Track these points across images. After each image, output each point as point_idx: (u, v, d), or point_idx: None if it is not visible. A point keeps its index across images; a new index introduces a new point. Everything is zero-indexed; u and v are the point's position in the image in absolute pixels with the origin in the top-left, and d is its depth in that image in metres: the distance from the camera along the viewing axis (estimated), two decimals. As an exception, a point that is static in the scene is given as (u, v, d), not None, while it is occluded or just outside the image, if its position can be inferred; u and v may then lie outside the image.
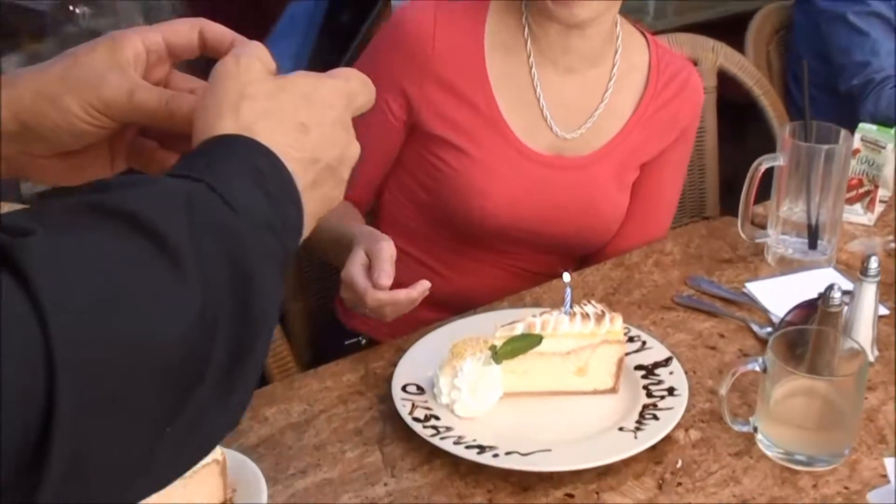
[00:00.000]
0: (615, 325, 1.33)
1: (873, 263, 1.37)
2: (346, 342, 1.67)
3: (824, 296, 1.33)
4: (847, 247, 1.70)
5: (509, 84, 1.60)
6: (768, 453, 1.25)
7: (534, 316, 1.34)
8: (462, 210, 1.61)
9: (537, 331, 1.32)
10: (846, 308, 1.36)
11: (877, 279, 1.38)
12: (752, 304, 1.56)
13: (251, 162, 0.64)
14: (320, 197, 0.71)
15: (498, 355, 1.30)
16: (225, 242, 0.59)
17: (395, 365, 1.39)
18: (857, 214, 1.73)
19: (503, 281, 1.64)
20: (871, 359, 1.39)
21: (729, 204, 2.33)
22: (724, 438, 1.29)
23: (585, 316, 1.33)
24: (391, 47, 1.60)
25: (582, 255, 1.74)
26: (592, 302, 1.37)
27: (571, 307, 1.34)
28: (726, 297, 1.58)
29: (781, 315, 1.49)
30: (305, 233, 0.70)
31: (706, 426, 1.31)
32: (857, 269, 1.61)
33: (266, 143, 0.67)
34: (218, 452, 1.14)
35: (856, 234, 1.74)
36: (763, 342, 1.47)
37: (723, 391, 1.26)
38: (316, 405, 1.36)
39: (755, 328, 1.50)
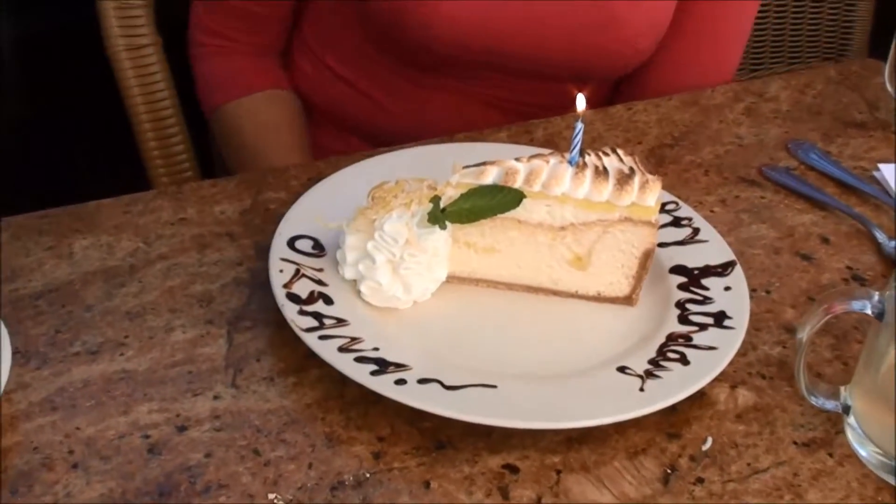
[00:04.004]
0: (648, 195, 0.89)
1: None
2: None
3: None
4: None
5: None
6: (861, 452, 0.83)
7: (518, 159, 0.90)
8: (399, 27, 1.18)
9: (519, 184, 0.89)
10: None
11: None
12: (883, 199, 1.10)
13: None
14: None
15: (446, 216, 0.87)
16: None
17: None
18: None
19: (484, 118, 1.20)
20: None
21: (881, 46, 1.85)
22: (791, 413, 0.87)
23: (601, 172, 0.89)
24: None
25: (614, 82, 1.28)
26: (620, 151, 0.92)
27: (582, 154, 0.90)
28: (845, 182, 1.12)
29: (926, 223, 1.05)
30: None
31: (767, 387, 0.89)
32: None
33: None
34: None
35: None
36: (889, 262, 1.02)
37: (803, 336, 0.82)
38: (156, 245, 0.96)
39: (879, 237, 1.05)
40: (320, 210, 0.95)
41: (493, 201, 0.89)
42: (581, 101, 0.89)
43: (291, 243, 0.92)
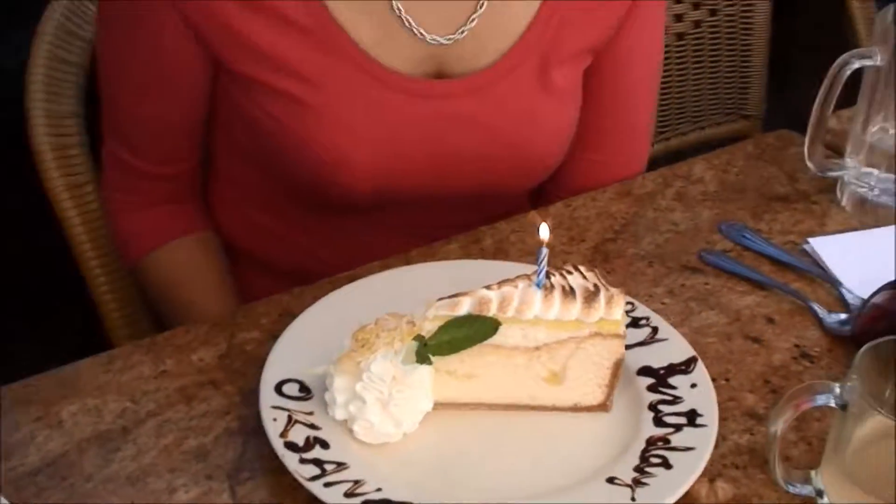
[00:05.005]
0: (614, 309, 0.97)
1: None
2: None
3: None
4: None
5: None
6: (837, 532, 0.91)
7: (489, 287, 0.97)
8: (314, 180, 1.22)
9: (492, 312, 0.96)
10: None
11: None
12: (816, 273, 1.20)
13: None
14: None
15: (428, 349, 0.94)
16: None
17: (274, 339, 1.03)
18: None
19: (415, 244, 1.24)
20: None
21: (778, 100, 1.97)
22: (768, 500, 0.96)
23: (569, 292, 0.97)
24: None
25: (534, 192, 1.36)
26: (582, 268, 1.00)
27: (548, 277, 0.97)
28: (779, 259, 1.22)
29: (862, 294, 1.14)
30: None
31: (742, 476, 0.97)
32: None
33: None
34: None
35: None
36: (833, 337, 1.11)
37: (776, 430, 0.91)
38: (143, 402, 1.01)
39: (820, 313, 1.14)
40: (300, 351, 1.01)
41: (471, 331, 0.95)
42: (545, 231, 0.96)
43: (279, 389, 0.98)
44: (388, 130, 1.20)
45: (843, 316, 1.14)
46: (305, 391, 0.98)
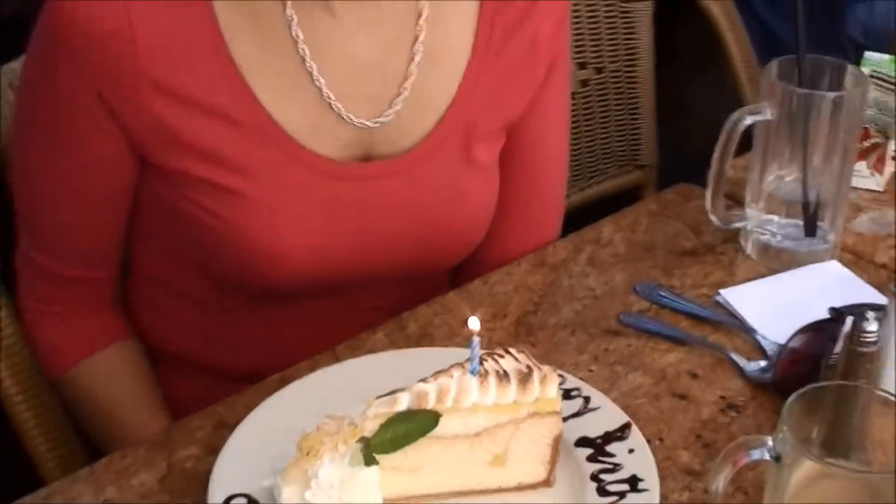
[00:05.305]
0: (548, 387, 1.01)
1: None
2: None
3: (853, 328, 1.03)
4: (850, 226, 1.40)
5: (268, 63, 1.19)
6: (785, 579, 0.95)
7: (425, 381, 1.00)
8: (248, 274, 1.24)
9: (431, 404, 0.99)
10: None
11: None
12: (732, 323, 1.25)
13: None
14: None
15: (372, 449, 0.96)
16: None
17: (213, 453, 1.04)
18: (860, 177, 1.44)
19: (340, 331, 1.26)
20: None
21: (671, 146, 2.04)
22: (716, 554, 0.98)
23: (503, 376, 1.00)
24: (66, 54, 1.16)
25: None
26: (512, 350, 1.04)
27: (481, 362, 1.01)
28: (695, 314, 1.26)
29: (777, 339, 1.19)
30: None
31: (687, 533, 1.00)
32: (867, 260, 1.33)
33: None
34: None
35: (860, 206, 1.44)
36: (755, 385, 1.16)
37: (717, 488, 0.95)
38: (90, 535, 1.00)
39: (740, 363, 1.19)
40: (242, 464, 1.02)
41: (413, 426, 0.98)
42: (474, 323, 1.00)
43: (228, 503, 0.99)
44: (321, 217, 1.22)
45: (762, 363, 1.19)
46: (253, 504, 1.00)
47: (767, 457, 0.95)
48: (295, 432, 1.04)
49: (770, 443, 0.95)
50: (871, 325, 1.02)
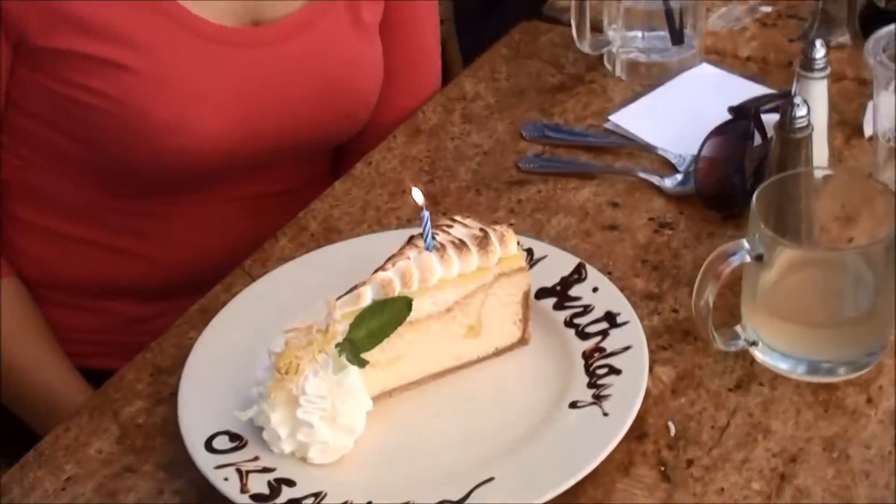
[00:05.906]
0: (509, 245, 0.98)
1: (819, 51, 1.09)
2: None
3: (783, 116, 1.04)
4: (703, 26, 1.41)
5: None
6: (781, 366, 0.97)
7: (383, 268, 0.95)
8: (143, 159, 1.19)
9: (397, 291, 0.94)
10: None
11: (826, 73, 1.10)
12: (631, 146, 1.24)
13: None
14: None
15: (356, 349, 0.91)
16: None
17: (163, 403, 0.96)
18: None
19: (246, 222, 1.25)
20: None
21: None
22: (708, 367, 1.00)
23: (460, 245, 0.96)
24: None
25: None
26: (458, 217, 1.00)
27: (435, 237, 0.96)
28: (591, 144, 1.25)
29: (678, 151, 1.20)
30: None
31: (673, 356, 1.01)
32: (731, 56, 1.35)
33: None
34: None
35: (706, 7, 1.45)
36: (675, 198, 1.17)
37: (707, 302, 0.95)
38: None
39: (656, 181, 1.19)
40: (206, 405, 0.96)
41: (387, 317, 0.93)
42: (418, 195, 0.96)
43: (209, 447, 0.92)
44: (215, 85, 1.20)
45: (678, 177, 1.19)
46: (237, 439, 0.93)
47: (748, 259, 0.95)
48: (247, 357, 0.99)
49: (747, 245, 0.95)
50: (801, 111, 1.03)
